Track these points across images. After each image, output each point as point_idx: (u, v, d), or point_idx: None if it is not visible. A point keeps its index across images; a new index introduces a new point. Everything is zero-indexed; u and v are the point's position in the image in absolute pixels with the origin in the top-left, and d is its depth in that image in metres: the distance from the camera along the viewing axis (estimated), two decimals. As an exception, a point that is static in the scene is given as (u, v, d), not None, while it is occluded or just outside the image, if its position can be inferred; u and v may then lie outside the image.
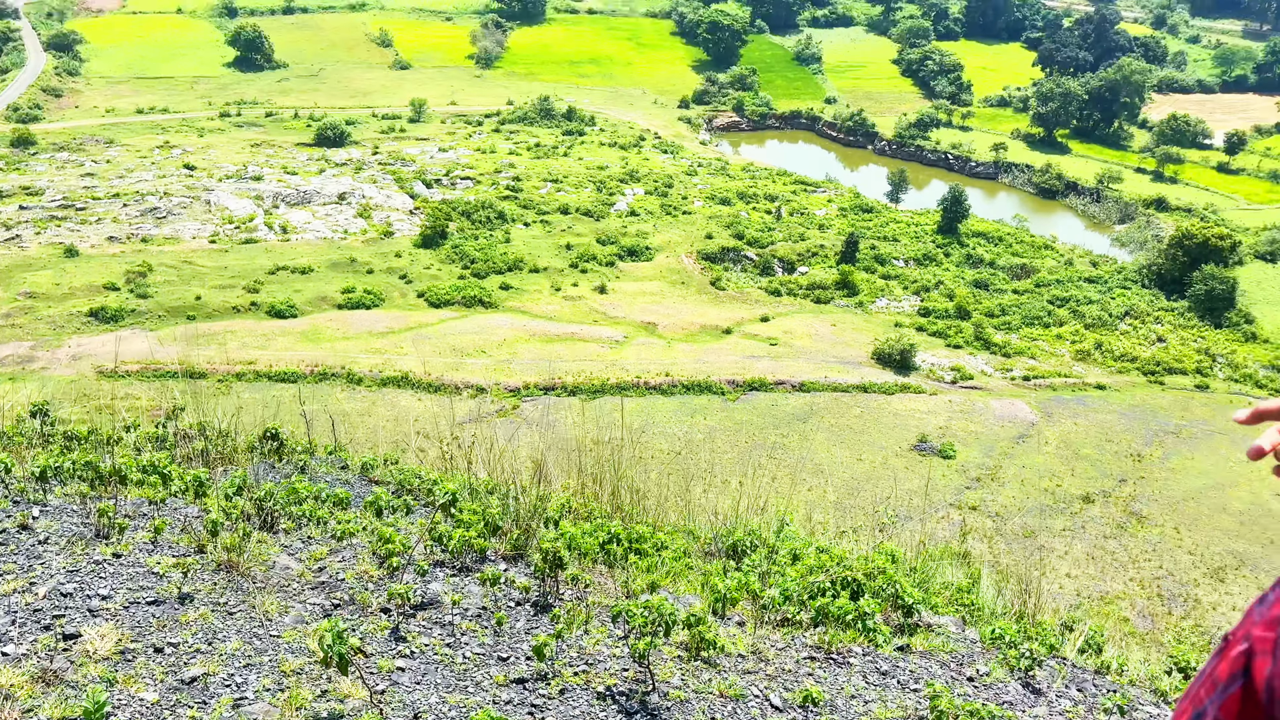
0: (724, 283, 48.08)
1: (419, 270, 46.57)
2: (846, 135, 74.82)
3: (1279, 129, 75.37)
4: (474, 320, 42.05)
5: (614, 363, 38.63)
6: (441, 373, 36.51)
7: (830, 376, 38.07)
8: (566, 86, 78.42)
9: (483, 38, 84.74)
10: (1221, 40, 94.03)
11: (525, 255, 48.59)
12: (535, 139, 66.93)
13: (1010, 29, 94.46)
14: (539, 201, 55.40)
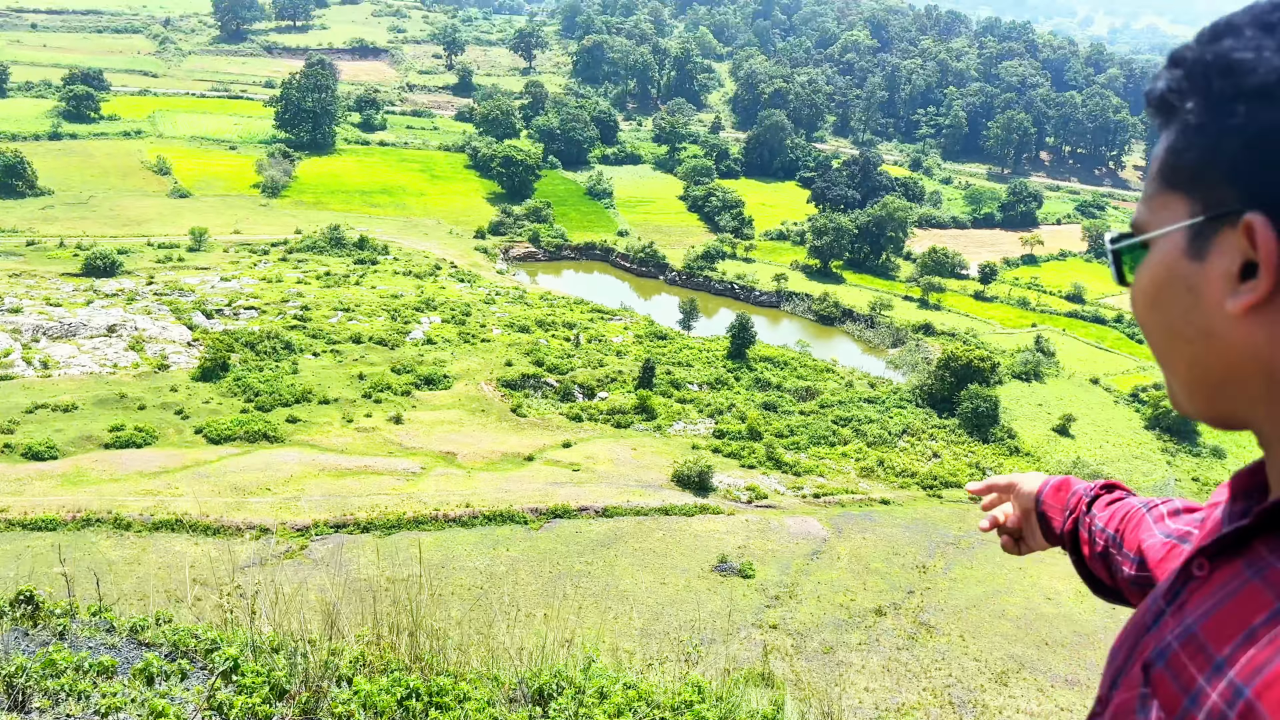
0: (525, 409, 47.84)
1: (197, 405, 44.04)
2: (639, 266, 77.19)
3: (1024, 260, 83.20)
4: (258, 456, 39.91)
5: (411, 495, 37.37)
6: (221, 513, 34.24)
7: (632, 500, 38.13)
8: (358, 216, 77.62)
9: (269, 167, 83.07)
10: (970, 182, 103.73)
11: (314, 386, 46.87)
12: (325, 268, 65.52)
13: (786, 169, 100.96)
14: (329, 331, 53.91)
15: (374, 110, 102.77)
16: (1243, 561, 1.07)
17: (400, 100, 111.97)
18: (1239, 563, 1.07)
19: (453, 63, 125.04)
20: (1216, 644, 1.01)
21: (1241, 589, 1.04)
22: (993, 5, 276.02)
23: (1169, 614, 1.13)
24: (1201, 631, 1.05)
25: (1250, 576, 1.04)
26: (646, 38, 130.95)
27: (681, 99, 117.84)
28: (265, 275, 63.07)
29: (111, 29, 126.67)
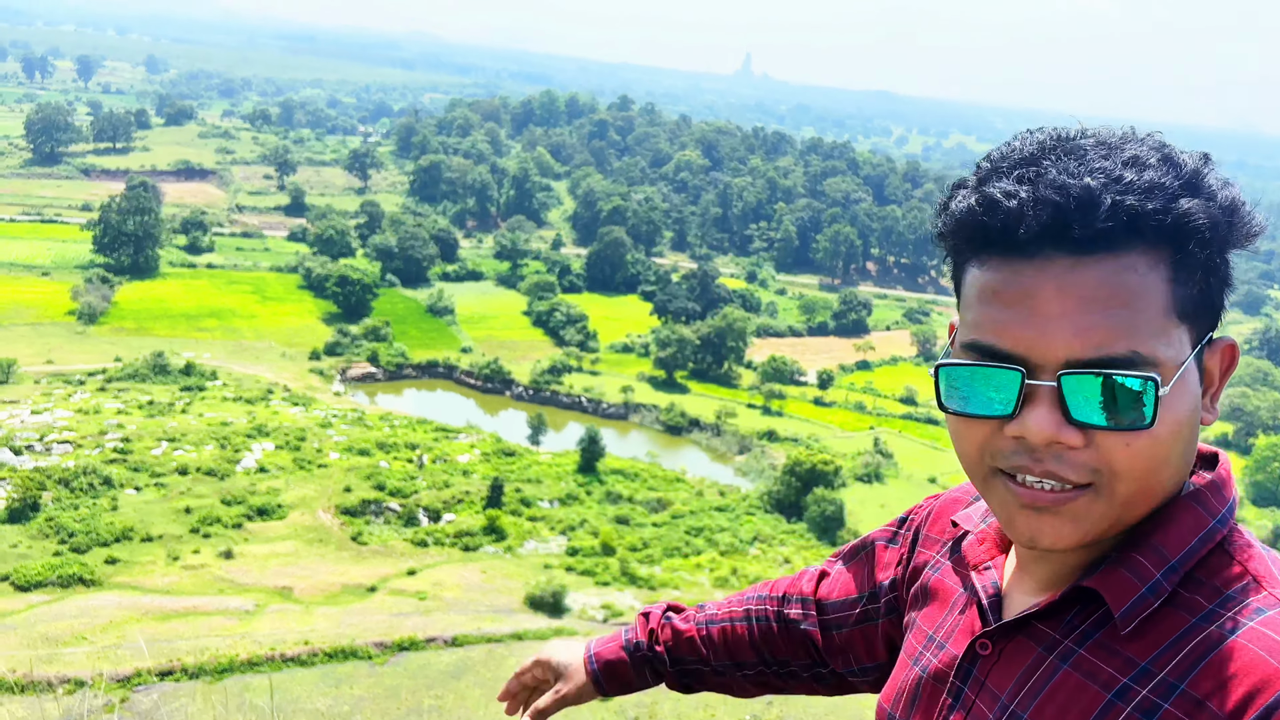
0: (366, 537, 45.80)
1: (4, 550, 40.36)
2: (484, 382, 76.27)
3: (859, 366, 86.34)
4: (72, 603, 36.68)
5: (244, 635, 34.89)
6: (30, 668, 31.08)
7: (484, 628, 36.68)
8: (184, 341, 74.32)
9: (86, 293, 78.96)
10: (803, 292, 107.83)
11: (136, 523, 43.72)
12: (148, 396, 62.08)
13: (628, 282, 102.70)
14: (153, 463, 50.70)
15: (201, 232, 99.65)
16: (1024, 638, 1.17)
17: (230, 222, 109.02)
18: (1021, 639, 1.17)
19: (285, 183, 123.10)
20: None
21: (1055, 675, 1.11)
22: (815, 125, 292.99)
23: (969, 690, 1.20)
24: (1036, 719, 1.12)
25: (1053, 658, 1.12)
26: (484, 157, 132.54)
27: (521, 216, 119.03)
28: (81, 406, 59.26)
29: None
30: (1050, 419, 1.03)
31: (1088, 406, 1.02)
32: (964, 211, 1.10)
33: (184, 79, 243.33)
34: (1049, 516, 1.06)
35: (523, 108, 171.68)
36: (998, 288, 1.06)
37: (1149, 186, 1.02)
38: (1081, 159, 1.04)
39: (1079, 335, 1.02)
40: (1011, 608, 1.21)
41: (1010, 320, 1.04)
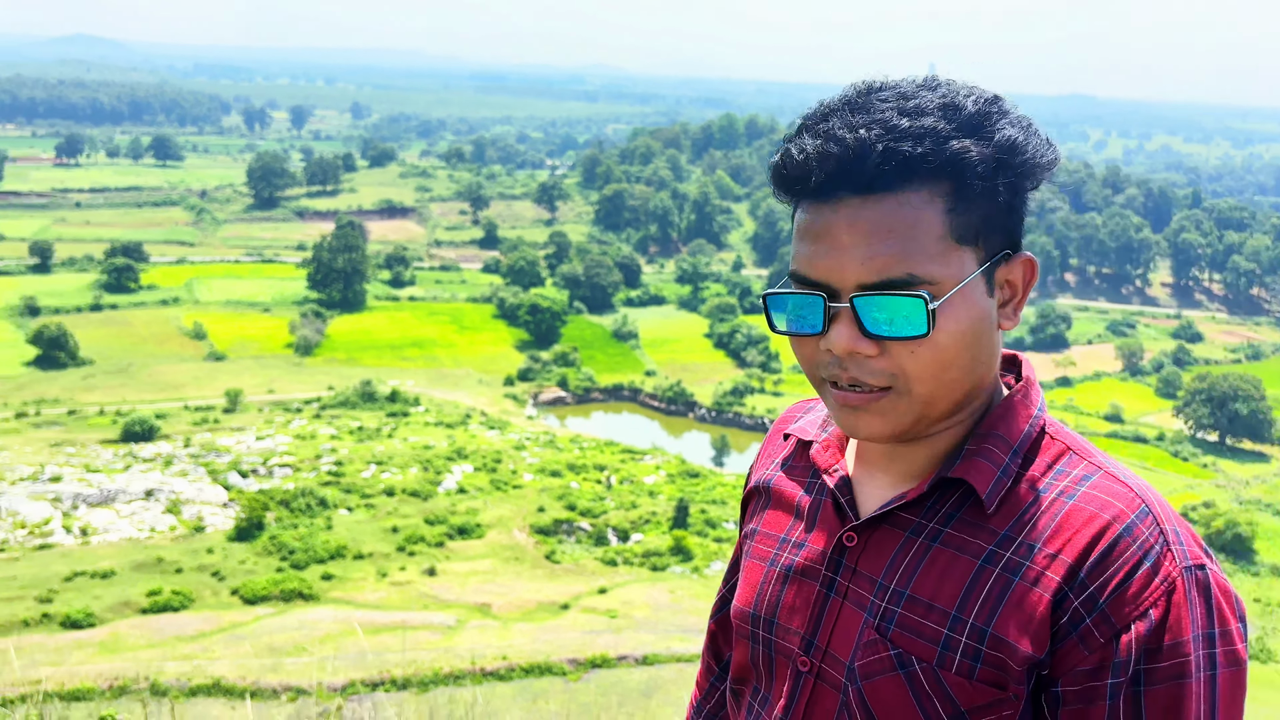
0: (558, 556, 47.21)
1: (233, 566, 43.80)
2: (668, 405, 77.31)
3: (1059, 382, 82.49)
4: (293, 615, 39.40)
5: (447, 650, 36.57)
6: (258, 676, 33.62)
7: (673, 647, 37.10)
8: (389, 370, 78.72)
9: (301, 327, 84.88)
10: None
11: (348, 542, 46.60)
12: (358, 422, 66.11)
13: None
14: (362, 485, 53.95)
15: (403, 267, 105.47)
16: (889, 527, 1.35)
17: (428, 256, 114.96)
18: (886, 529, 1.35)
19: (478, 218, 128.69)
20: (943, 600, 1.28)
21: (927, 553, 1.31)
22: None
23: (841, 579, 1.37)
24: (916, 593, 1.29)
25: (922, 540, 1.32)
26: (665, 184, 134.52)
27: (702, 240, 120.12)
28: (299, 433, 63.65)
29: (150, 203, 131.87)
30: (848, 334, 1.24)
31: (877, 322, 1.22)
32: (772, 167, 1.30)
33: (385, 122, 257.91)
34: (862, 414, 1.28)
35: (702, 132, 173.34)
36: (806, 226, 1.28)
37: (921, 132, 1.21)
38: (868, 111, 1.23)
39: (865, 263, 1.22)
40: (866, 504, 1.39)
41: (815, 253, 1.26)
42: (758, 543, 1.52)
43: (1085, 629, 1.21)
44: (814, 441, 1.49)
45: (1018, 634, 1.23)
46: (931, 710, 1.27)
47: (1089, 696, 1.21)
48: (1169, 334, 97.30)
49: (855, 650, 1.33)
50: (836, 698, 1.35)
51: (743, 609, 1.49)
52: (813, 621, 1.39)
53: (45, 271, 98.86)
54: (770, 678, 1.45)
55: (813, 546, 1.42)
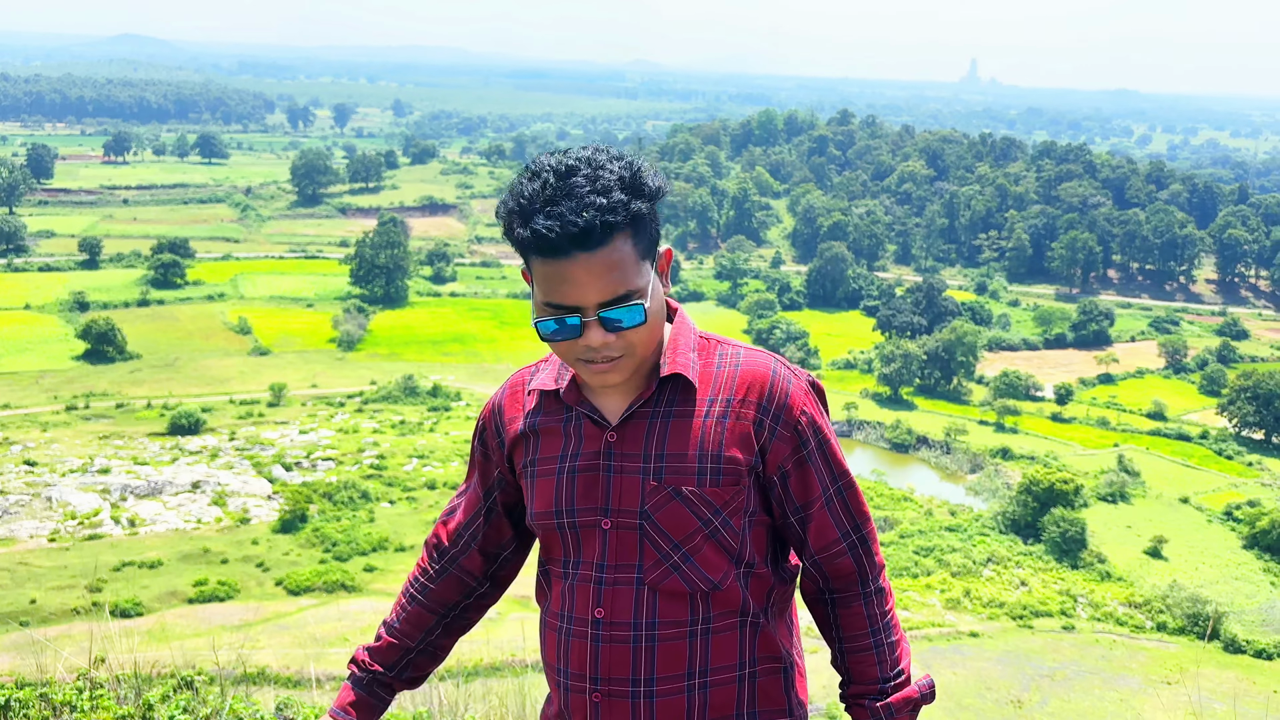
0: (596, 552, 47.44)
1: (277, 557, 44.59)
2: (706, 401, 77.21)
3: (1100, 380, 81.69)
4: (336, 606, 40.06)
5: (487, 641, 36.98)
6: (301, 665, 34.22)
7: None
8: (430, 365, 79.48)
9: (344, 322, 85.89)
10: (1038, 303, 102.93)
11: (390, 535, 47.25)
12: (400, 416, 66.85)
13: (849, 298, 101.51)
14: (404, 479, 54.62)
15: (444, 263, 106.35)
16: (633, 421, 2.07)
17: (469, 252, 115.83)
18: (631, 424, 2.08)
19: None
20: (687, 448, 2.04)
21: (667, 425, 2.05)
22: (1048, 129, 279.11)
23: (614, 462, 2.06)
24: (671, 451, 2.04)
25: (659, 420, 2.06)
26: (704, 180, 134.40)
27: (741, 236, 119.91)
28: (342, 426, 64.49)
29: (196, 200, 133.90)
30: (600, 334, 1.94)
31: (616, 324, 1.94)
32: (525, 239, 1.92)
33: (426, 120, 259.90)
34: (608, 374, 1.99)
35: (741, 129, 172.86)
36: (553, 273, 1.92)
37: (615, 205, 1.90)
38: (578, 199, 1.88)
39: (600, 291, 1.91)
40: (611, 413, 2.09)
41: (563, 289, 1.92)
42: (540, 466, 2.15)
43: (778, 433, 2.06)
44: (559, 390, 2.14)
45: (738, 450, 2.03)
46: (700, 513, 2.03)
47: (799, 464, 2.08)
48: (1213, 331, 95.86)
49: (642, 498, 2.03)
50: (634, 536, 2.05)
51: (545, 511, 2.13)
52: (603, 496, 2.06)
53: (94, 267, 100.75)
54: (578, 547, 2.10)
55: (586, 451, 2.09)
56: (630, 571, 2.05)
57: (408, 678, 2.40)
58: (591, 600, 2.07)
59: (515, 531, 2.37)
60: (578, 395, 2.13)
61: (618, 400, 2.10)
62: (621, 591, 2.05)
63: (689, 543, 2.02)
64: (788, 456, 2.06)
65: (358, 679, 2.37)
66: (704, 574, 2.04)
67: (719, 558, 2.04)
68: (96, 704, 4.50)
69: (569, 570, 2.12)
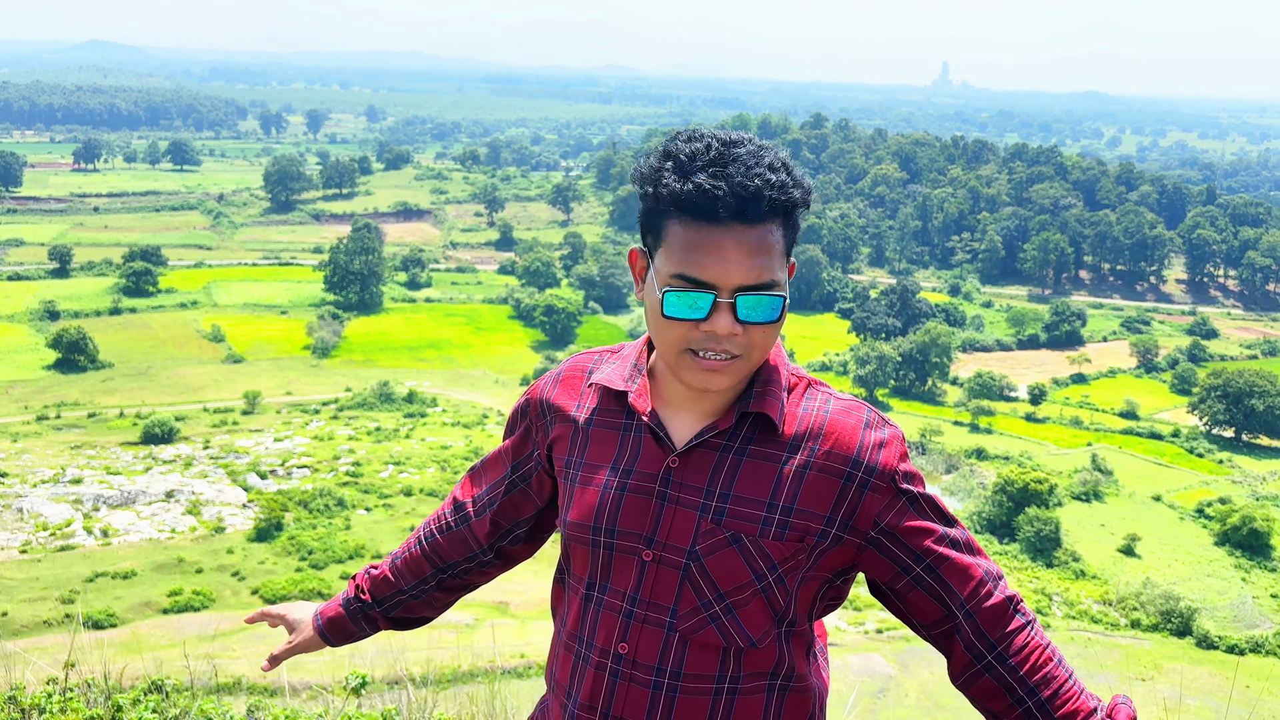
0: (574, 556, 47.39)
1: (253, 566, 44.28)
2: (683, 404, 77.34)
3: (1073, 380, 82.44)
4: (313, 615, 39.80)
5: (465, 648, 36.88)
6: (276, 675, 33.87)
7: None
8: (406, 371, 79.19)
9: (319, 328, 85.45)
10: (1011, 304, 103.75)
11: (367, 542, 47.03)
12: (375, 423, 66.56)
13: (824, 301, 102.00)
14: (380, 485, 54.38)
15: (419, 269, 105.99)
16: (703, 450, 1.85)
17: (444, 258, 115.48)
18: (700, 452, 1.85)
19: (493, 219, 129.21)
20: (758, 494, 1.81)
21: (740, 464, 1.83)
22: (1019, 132, 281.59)
23: (671, 490, 1.84)
24: (739, 493, 1.81)
25: (732, 456, 1.83)
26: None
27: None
28: (317, 434, 64.15)
29: (168, 207, 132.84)
30: (728, 320, 1.71)
31: (750, 313, 1.71)
32: (679, 194, 1.70)
33: (400, 125, 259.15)
34: (716, 374, 1.75)
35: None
36: (699, 241, 1.70)
37: (782, 185, 1.71)
38: (748, 168, 1.69)
39: (746, 272, 1.70)
40: (676, 435, 1.87)
41: (707, 261, 1.70)
42: (585, 472, 1.94)
43: (872, 485, 1.83)
44: (628, 391, 1.92)
45: (813, 505, 1.82)
46: (754, 566, 1.82)
47: (901, 513, 1.85)
48: (1184, 330, 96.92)
49: (695, 537, 1.83)
50: (676, 575, 1.84)
51: (582, 522, 1.92)
52: (651, 524, 1.85)
53: (64, 276, 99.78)
54: (609, 571, 1.90)
55: (642, 470, 1.87)
56: (663, 613, 1.86)
57: (394, 617, 2.30)
58: (617, 634, 1.89)
59: (535, 513, 2.22)
60: (647, 403, 1.91)
61: (690, 423, 1.87)
62: (650, 632, 1.86)
63: (736, 595, 1.83)
64: (885, 509, 1.84)
65: (348, 601, 2.30)
66: (744, 630, 1.85)
67: (763, 615, 1.86)
68: (66, 707, 4.49)
69: (594, 593, 1.93)
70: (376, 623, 2.29)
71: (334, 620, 2.28)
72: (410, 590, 2.27)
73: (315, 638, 2.30)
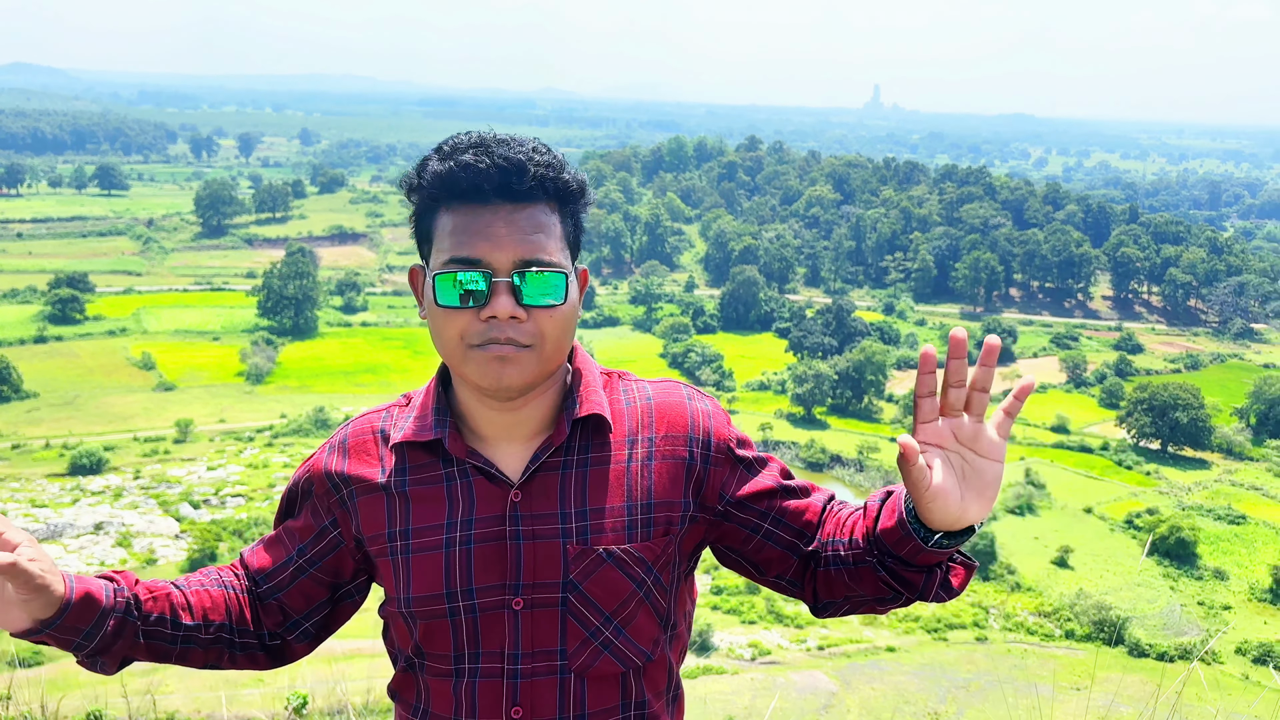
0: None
1: (186, 598, 43.26)
2: (623, 426, 77.34)
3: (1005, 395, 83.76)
4: (249, 646, 39.02)
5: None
6: (213, 709, 33.23)
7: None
8: (343, 397, 78.23)
9: (253, 354, 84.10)
10: (944, 322, 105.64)
11: (305, 571, 46.21)
12: (311, 450, 65.39)
13: (761, 321, 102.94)
14: (318, 514, 53.49)
15: (355, 292, 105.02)
16: (541, 474, 1.74)
17: (381, 281, 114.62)
18: (538, 477, 1.74)
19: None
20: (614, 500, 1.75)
21: (585, 475, 1.75)
22: (949, 153, 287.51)
23: (524, 526, 1.71)
24: (593, 506, 1.73)
25: (575, 470, 1.75)
26: (617, 206, 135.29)
27: (655, 261, 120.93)
28: (251, 462, 63.05)
29: (96, 233, 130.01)
30: (509, 302, 1.61)
31: (531, 293, 1.62)
32: (446, 171, 1.64)
33: (335, 149, 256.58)
34: (509, 365, 1.63)
35: (652, 155, 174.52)
36: (467, 223, 1.63)
37: (548, 163, 1.65)
38: (510, 146, 1.64)
39: (522, 247, 1.62)
40: (510, 467, 1.74)
41: (478, 241, 1.62)
42: (416, 540, 1.73)
43: (714, 459, 1.80)
44: (441, 439, 1.76)
45: (669, 493, 1.76)
46: (634, 574, 1.73)
47: (742, 479, 1.82)
48: (1111, 346, 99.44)
49: (564, 567, 1.70)
50: (554, 613, 1.71)
51: (430, 595, 1.71)
52: (512, 570, 1.70)
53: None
54: (476, 636, 1.71)
55: (483, 517, 1.71)
56: (551, 659, 1.70)
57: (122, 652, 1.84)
58: (506, 699, 1.71)
59: (327, 601, 1.93)
60: (465, 446, 1.74)
61: (518, 450, 1.75)
62: (541, 684, 1.71)
63: (621, 612, 1.72)
64: (728, 480, 1.80)
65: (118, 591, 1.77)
66: (637, 646, 1.75)
67: (650, 624, 1.76)
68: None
69: (464, 665, 1.73)
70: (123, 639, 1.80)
71: (89, 599, 1.69)
72: (186, 628, 1.85)
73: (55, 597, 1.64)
